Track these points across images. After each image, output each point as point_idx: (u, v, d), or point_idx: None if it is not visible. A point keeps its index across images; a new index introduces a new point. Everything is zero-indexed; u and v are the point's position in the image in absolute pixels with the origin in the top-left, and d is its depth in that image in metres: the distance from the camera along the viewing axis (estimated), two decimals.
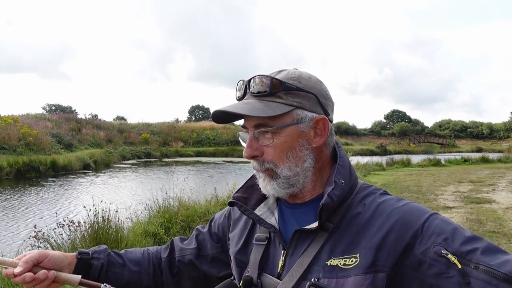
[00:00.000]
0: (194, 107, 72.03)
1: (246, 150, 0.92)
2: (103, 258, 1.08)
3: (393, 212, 0.86)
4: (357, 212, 0.89)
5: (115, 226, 5.20)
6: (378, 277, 0.80)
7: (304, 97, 0.91)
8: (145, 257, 1.15)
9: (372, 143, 48.40)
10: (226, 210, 1.16)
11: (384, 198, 0.91)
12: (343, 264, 0.83)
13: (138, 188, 13.09)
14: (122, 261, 1.12)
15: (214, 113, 0.95)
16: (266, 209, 1.01)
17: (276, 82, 0.89)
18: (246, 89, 0.93)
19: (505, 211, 7.60)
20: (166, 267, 1.15)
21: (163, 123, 40.83)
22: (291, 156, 0.90)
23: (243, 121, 0.96)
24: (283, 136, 0.89)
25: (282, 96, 0.89)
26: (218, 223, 1.16)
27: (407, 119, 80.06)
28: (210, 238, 1.14)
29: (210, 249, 1.13)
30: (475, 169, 17.88)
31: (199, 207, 6.26)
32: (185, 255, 1.14)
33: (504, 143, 54.48)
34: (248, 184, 1.05)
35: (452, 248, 0.77)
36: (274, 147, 0.90)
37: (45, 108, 58.37)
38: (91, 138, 28.13)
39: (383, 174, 16.24)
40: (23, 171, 16.34)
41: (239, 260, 1.01)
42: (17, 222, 8.09)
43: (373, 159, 20.12)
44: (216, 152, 32.79)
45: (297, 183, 0.92)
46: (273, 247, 0.96)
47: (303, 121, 0.90)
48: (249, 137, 0.92)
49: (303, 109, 0.90)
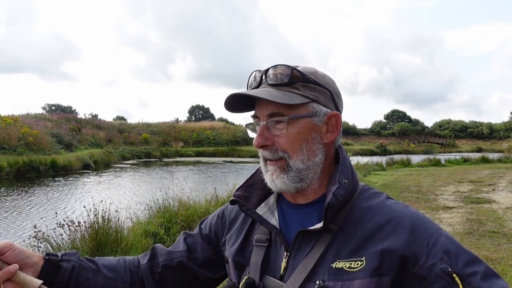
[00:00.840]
0: (194, 107, 71.99)
1: (257, 138, 0.90)
2: (74, 260, 0.97)
3: (403, 219, 0.86)
4: (363, 214, 0.88)
5: (115, 226, 5.20)
6: (383, 280, 0.82)
7: (320, 91, 0.91)
8: (120, 264, 1.06)
9: (372, 143, 48.41)
10: (219, 211, 1.13)
11: (391, 202, 0.91)
12: (348, 267, 0.83)
13: (138, 188, 13.09)
14: (95, 266, 1.01)
15: (229, 97, 0.91)
16: (266, 209, 0.99)
17: (296, 73, 0.89)
18: (261, 79, 0.93)
19: (505, 211, 7.60)
20: (148, 274, 1.06)
21: (163, 123, 40.84)
22: (304, 148, 0.89)
23: (253, 112, 0.95)
24: (297, 127, 0.89)
25: (299, 88, 0.89)
26: (210, 225, 1.11)
27: (407, 119, 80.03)
28: (202, 241, 1.09)
29: (201, 252, 1.08)
30: (475, 169, 17.88)
31: (199, 207, 6.26)
32: (174, 258, 1.07)
33: (504, 143, 54.47)
34: (248, 183, 1.02)
35: (457, 268, 0.80)
36: (287, 137, 0.88)
37: (45, 108, 58.41)
38: (91, 138, 28.14)
39: (383, 174, 16.24)
40: (23, 171, 16.34)
41: (238, 262, 0.98)
42: (17, 222, 8.09)
43: (373, 159, 20.12)
44: (216, 152, 32.79)
45: (306, 178, 0.90)
46: (274, 249, 0.94)
47: (318, 115, 0.90)
48: (261, 125, 0.91)
49: (319, 103, 0.90)
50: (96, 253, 4.94)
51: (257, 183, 1.01)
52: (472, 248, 5.12)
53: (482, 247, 5.18)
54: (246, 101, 0.94)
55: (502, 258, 4.67)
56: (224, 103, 0.93)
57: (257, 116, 0.93)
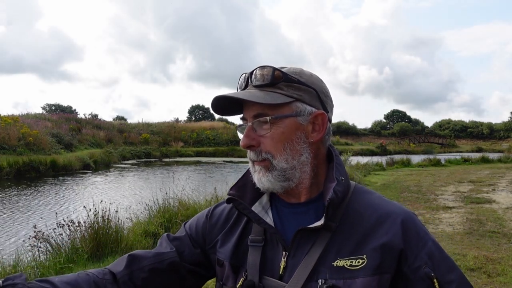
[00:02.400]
0: (194, 107, 71.97)
1: (243, 139, 0.91)
2: (20, 283, 0.79)
3: (398, 217, 0.89)
4: (360, 212, 0.89)
5: (115, 226, 5.20)
6: (383, 278, 0.83)
7: (305, 91, 0.91)
8: (82, 278, 0.91)
9: (372, 143, 48.39)
10: (207, 211, 1.09)
11: (385, 200, 0.94)
12: (349, 265, 0.83)
13: (138, 188, 13.09)
14: (50, 285, 0.85)
15: (214, 100, 0.92)
16: (260, 208, 0.98)
17: (278, 73, 0.89)
18: (248, 81, 0.93)
19: (505, 211, 7.60)
20: (126, 281, 0.95)
21: (163, 123, 40.85)
22: (288, 148, 0.89)
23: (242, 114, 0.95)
24: (281, 127, 0.89)
25: (283, 87, 0.89)
26: (196, 226, 1.06)
27: (407, 119, 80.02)
28: (189, 242, 1.04)
29: (189, 255, 1.02)
30: (475, 169, 17.87)
31: (199, 207, 6.26)
32: (164, 260, 0.99)
33: (504, 143, 54.44)
34: (240, 183, 1.00)
35: (438, 274, 0.84)
36: (271, 137, 0.89)
37: (45, 108, 58.45)
38: (91, 138, 28.14)
39: (383, 174, 16.24)
40: (23, 171, 16.35)
41: (234, 265, 0.95)
42: (17, 222, 8.09)
43: (373, 159, 20.11)
44: (216, 152, 32.79)
45: (293, 177, 0.90)
46: (271, 248, 0.92)
47: (302, 114, 0.90)
48: (247, 127, 0.91)
49: (303, 102, 0.90)
50: (96, 253, 4.94)
51: (248, 183, 0.99)
52: (472, 248, 5.12)
53: (482, 247, 5.18)
54: (236, 103, 0.93)
55: (502, 258, 4.66)
56: (210, 105, 0.93)
57: (245, 117, 0.93)
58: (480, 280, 4.01)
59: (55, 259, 4.65)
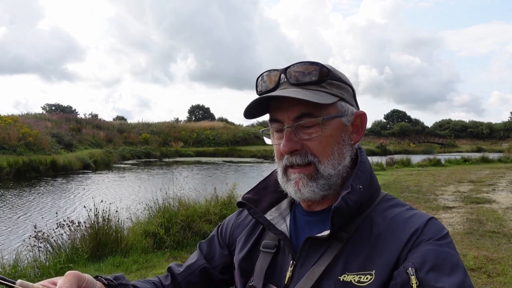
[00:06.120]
0: (194, 107, 71.91)
1: (286, 144, 0.81)
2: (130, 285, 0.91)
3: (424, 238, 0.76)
4: (380, 224, 0.80)
5: (115, 226, 5.20)
6: None
7: (344, 89, 0.85)
8: (157, 285, 1.00)
9: (372, 143, 48.33)
10: (238, 212, 1.06)
11: (417, 216, 0.81)
12: (357, 281, 0.75)
13: (138, 188, 13.09)
14: None
15: (253, 102, 0.83)
16: (277, 214, 0.92)
17: (325, 70, 0.82)
18: (279, 79, 0.84)
19: (505, 211, 7.59)
20: None
21: (163, 123, 40.89)
22: (336, 152, 0.82)
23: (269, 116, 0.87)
24: (329, 129, 0.81)
25: (326, 86, 0.82)
26: (225, 228, 1.05)
27: (407, 119, 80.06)
28: (218, 246, 1.02)
29: (219, 258, 1.01)
30: (475, 169, 17.86)
31: (199, 207, 6.25)
32: (195, 270, 1.00)
33: (504, 143, 54.38)
34: (260, 186, 0.95)
35: (420, 275, 0.70)
36: (319, 141, 0.81)
37: (45, 108, 58.40)
38: (91, 138, 28.16)
39: (383, 174, 16.23)
40: (23, 171, 16.36)
41: (244, 269, 0.92)
42: (17, 222, 8.09)
43: (373, 159, 20.13)
44: (216, 152, 32.80)
45: (334, 185, 0.83)
46: (282, 256, 0.87)
47: (346, 114, 0.84)
48: (287, 130, 0.81)
49: (345, 101, 0.84)
50: (96, 253, 4.95)
51: (270, 186, 0.94)
52: (472, 248, 5.12)
53: (482, 247, 5.18)
54: (259, 105, 0.85)
55: (502, 258, 4.66)
56: (245, 109, 0.84)
57: (278, 119, 0.84)
58: (480, 280, 4.01)
59: (55, 259, 4.66)
